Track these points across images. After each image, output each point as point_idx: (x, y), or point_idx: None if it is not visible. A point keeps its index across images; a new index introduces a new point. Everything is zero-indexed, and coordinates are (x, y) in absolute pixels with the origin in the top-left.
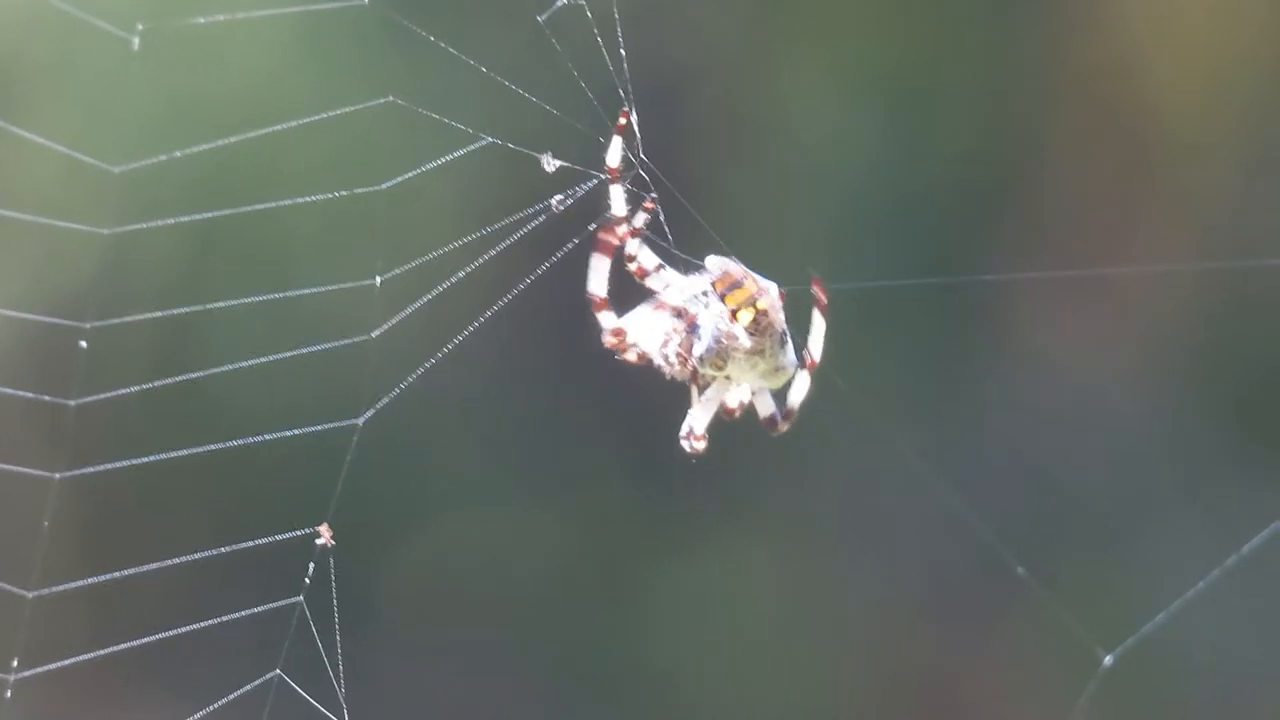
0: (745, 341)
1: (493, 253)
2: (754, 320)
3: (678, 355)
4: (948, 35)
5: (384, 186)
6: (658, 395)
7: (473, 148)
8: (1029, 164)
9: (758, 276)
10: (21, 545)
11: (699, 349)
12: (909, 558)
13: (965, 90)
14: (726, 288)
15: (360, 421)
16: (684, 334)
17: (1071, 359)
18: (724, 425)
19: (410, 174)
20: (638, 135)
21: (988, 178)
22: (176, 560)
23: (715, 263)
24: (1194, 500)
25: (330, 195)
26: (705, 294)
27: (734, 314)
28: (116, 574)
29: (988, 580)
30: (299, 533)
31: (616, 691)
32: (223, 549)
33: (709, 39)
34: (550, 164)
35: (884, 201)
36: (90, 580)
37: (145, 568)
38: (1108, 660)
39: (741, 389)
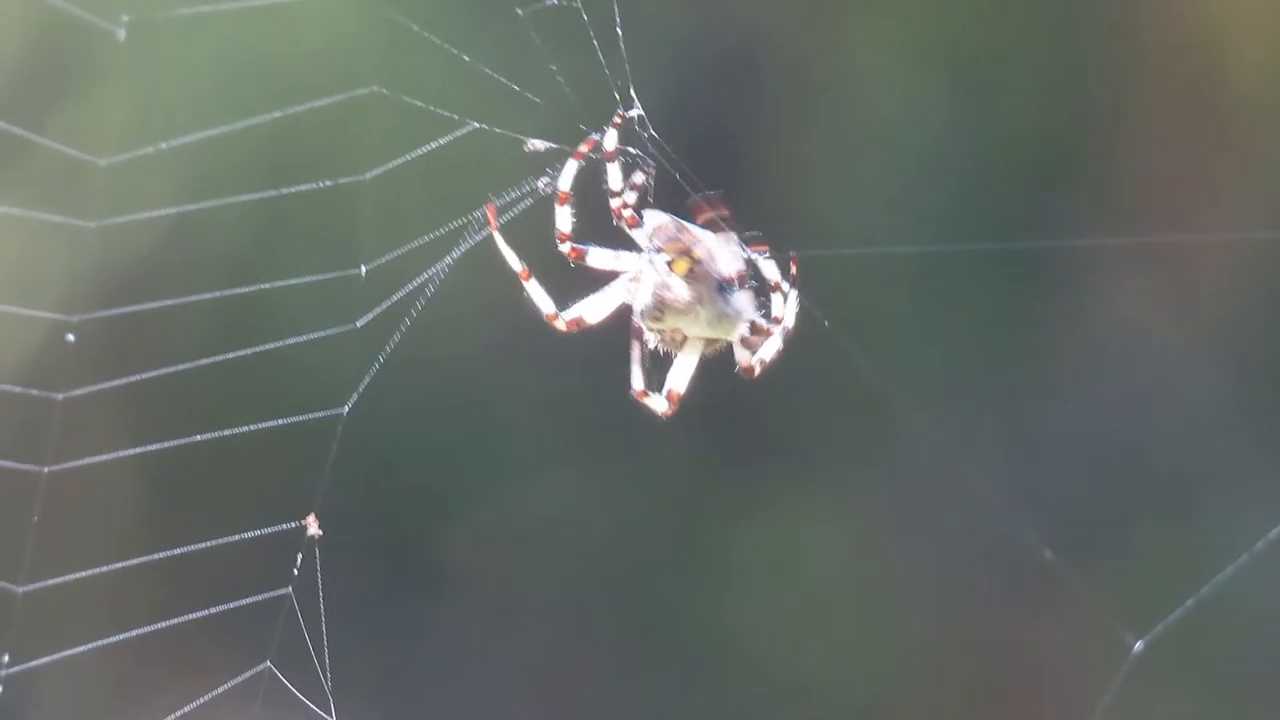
0: (683, 291)
1: (479, 237)
2: (689, 270)
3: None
4: (1016, 1)
5: (368, 176)
6: (720, 358)
7: (458, 134)
8: (1098, 131)
9: (692, 226)
10: (10, 540)
11: (639, 304)
12: (966, 528)
13: (1033, 57)
14: (663, 240)
15: (344, 411)
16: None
17: (1136, 329)
18: (795, 391)
19: (395, 162)
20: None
21: (1056, 145)
22: (167, 553)
23: (650, 217)
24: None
25: (315, 186)
26: (650, 252)
27: (670, 264)
28: (105, 568)
29: (1028, 558)
30: (288, 525)
31: (684, 656)
32: (210, 543)
33: (775, 6)
34: (534, 146)
35: (951, 169)
36: (79, 575)
37: (138, 560)
38: (1138, 646)
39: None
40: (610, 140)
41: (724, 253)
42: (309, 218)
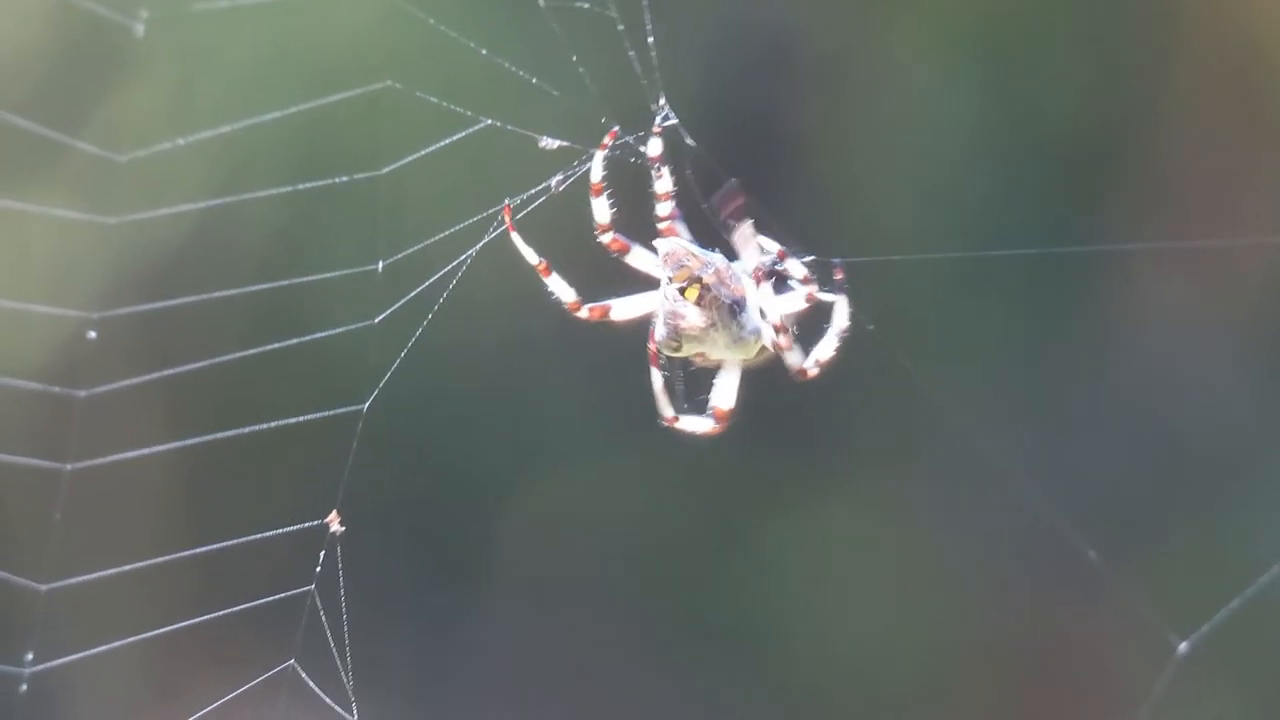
0: (696, 318)
1: (497, 231)
2: (699, 296)
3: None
4: None
5: (384, 171)
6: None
7: (472, 130)
8: (1138, 126)
9: (701, 251)
10: (33, 538)
11: (659, 334)
12: (1006, 522)
13: (1072, 51)
14: (673, 267)
15: (364, 408)
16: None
17: (1177, 327)
18: (833, 383)
19: (410, 158)
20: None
21: (1095, 141)
22: (189, 552)
23: (661, 245)
24: None
25: (330, 181)
26: (664, 281)
27: (682, 291)
28: (128, 566)
29: (1071, 558)
30: (308, 524)
31: (721, 646)
32: (235, 540)
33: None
34: (549, 144)
35: (988, 165)
36: (101, 573)
37: (161, 559)
38: (1183, 647)
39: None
40: (655, 147)
41: (734, 272)
42: (327, 213)
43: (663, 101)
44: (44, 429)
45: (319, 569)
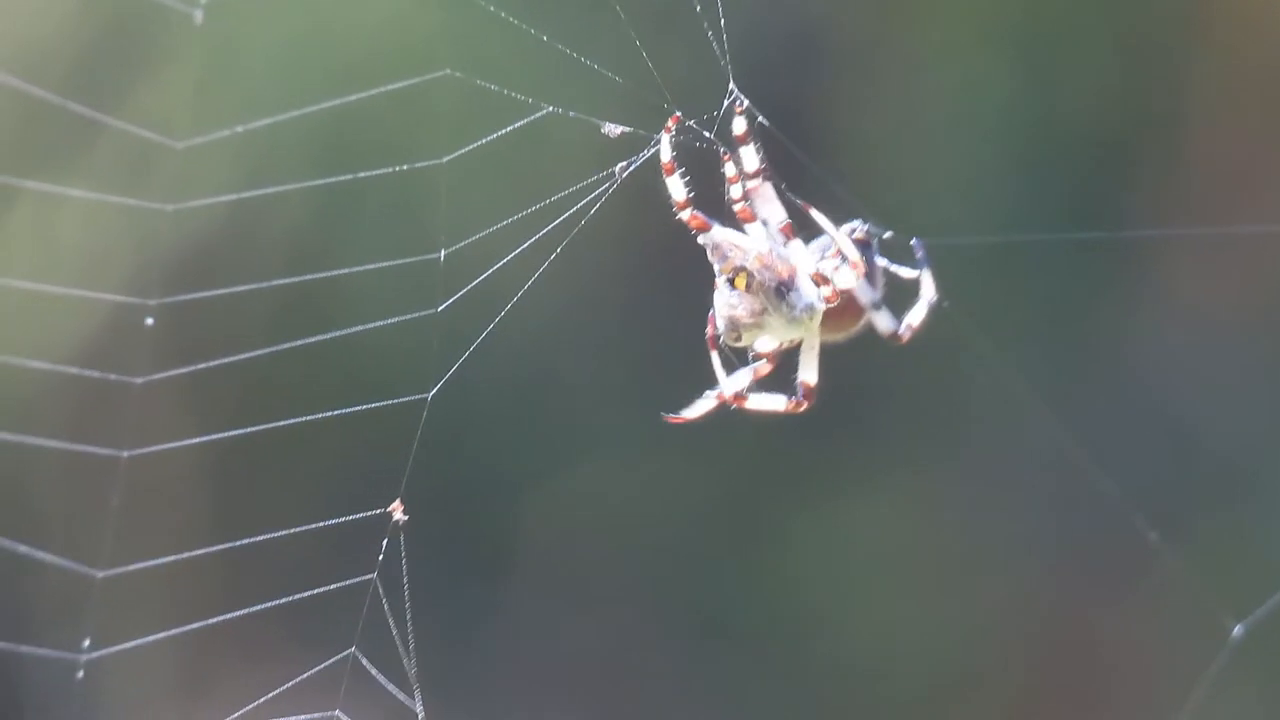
0: (746, 307)
1: (558, 221)
2: (746, 283)
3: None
4: None
5: (445, 160)
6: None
7: (534, 117)
8: (1170, 111)
9: (737, 236)
10: (90, 526)
11: (719, 326)
12: (1042, 510)
13: (1100, 43)
14: (719, 259)
15: (429, 396)
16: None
17: (1213, 313)
18: (864, 367)
19: (471, 146)
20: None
21: (1127, 125)
22: (249, 540)
23: (705, 240)
24: None
25: (390, 170)
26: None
27: (732, 282)
28: (186, 554)
29: (1123, 537)
30: (373, 512)
31: (752, 636)
32: (293, 530)
33: None
34: (613, 130)
35: (1019, 149)
36: (157, 561)
37: (219, 546)
38: (1238, 630)
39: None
40: (740, 125)
41: (778, 254)
42: (379, 201)
43: (732, 87)
44: (99, 416)
45: (381, 557)
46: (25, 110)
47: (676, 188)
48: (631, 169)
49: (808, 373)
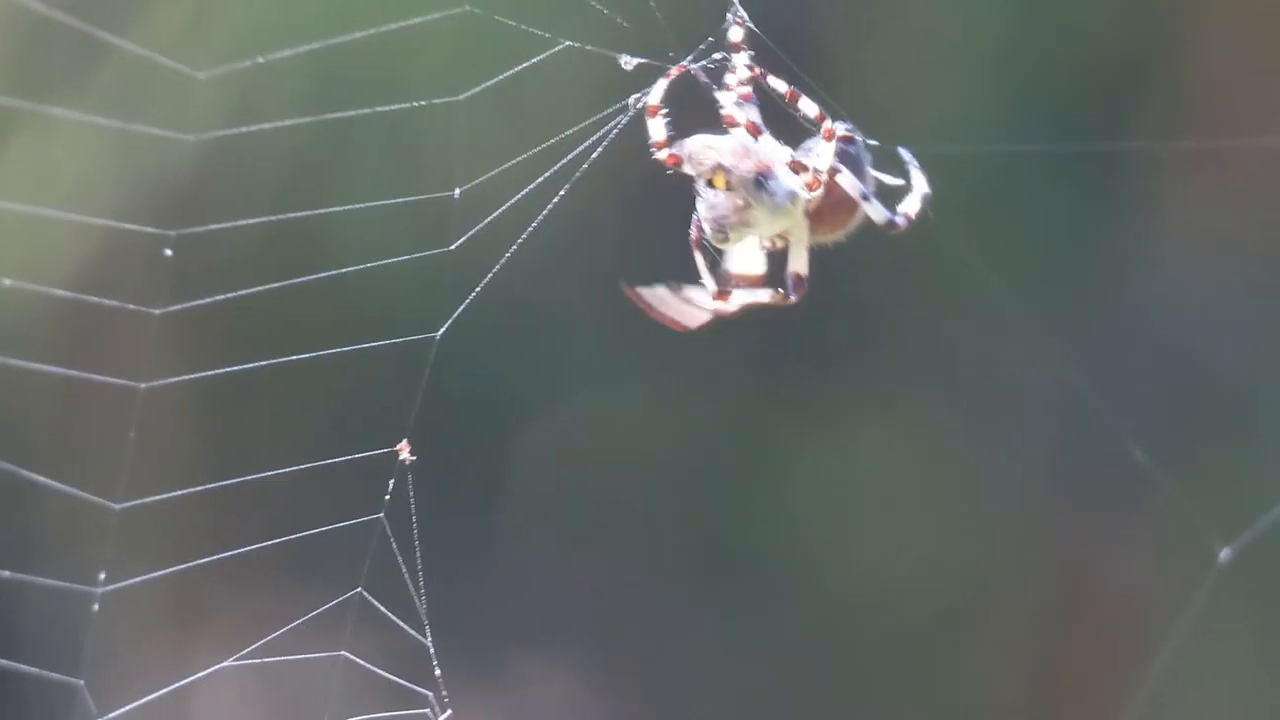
0: (727, 204)
1: (572, 155)
2: (725, 182)
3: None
4: None
5: (462, 97)
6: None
7: (550, 52)
8: (1171, 33)
9: (709, 138)
10: (107, 457)
11: (706, 232)
12: (1041, 437)
13: None
14: (694, 166)
15: (438, 336)
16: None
17: (1214, 232)
18: (863, 296)
19: (488, 83)
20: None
21: (1127, 48)
22: (263, 474)
23: (678, 151)
24: None
25: (408, 105)
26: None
27: (711, 184)
28: (199, 488)
29: (1119, 462)
30: (378, 451)
31: (749, 569)
32: (304, 466)
33: None
34: (629, 63)
35: (1018, 74)
36: (174, 494)
37: (232, 480)
38: (1225, 553)
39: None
40: (736, 34)
41: (751, 147)
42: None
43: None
44: (116, 347)
45: (387, 497)
46: (30, 33)
47: (657, 128)
48: (645, 100)
49: (797, 263)
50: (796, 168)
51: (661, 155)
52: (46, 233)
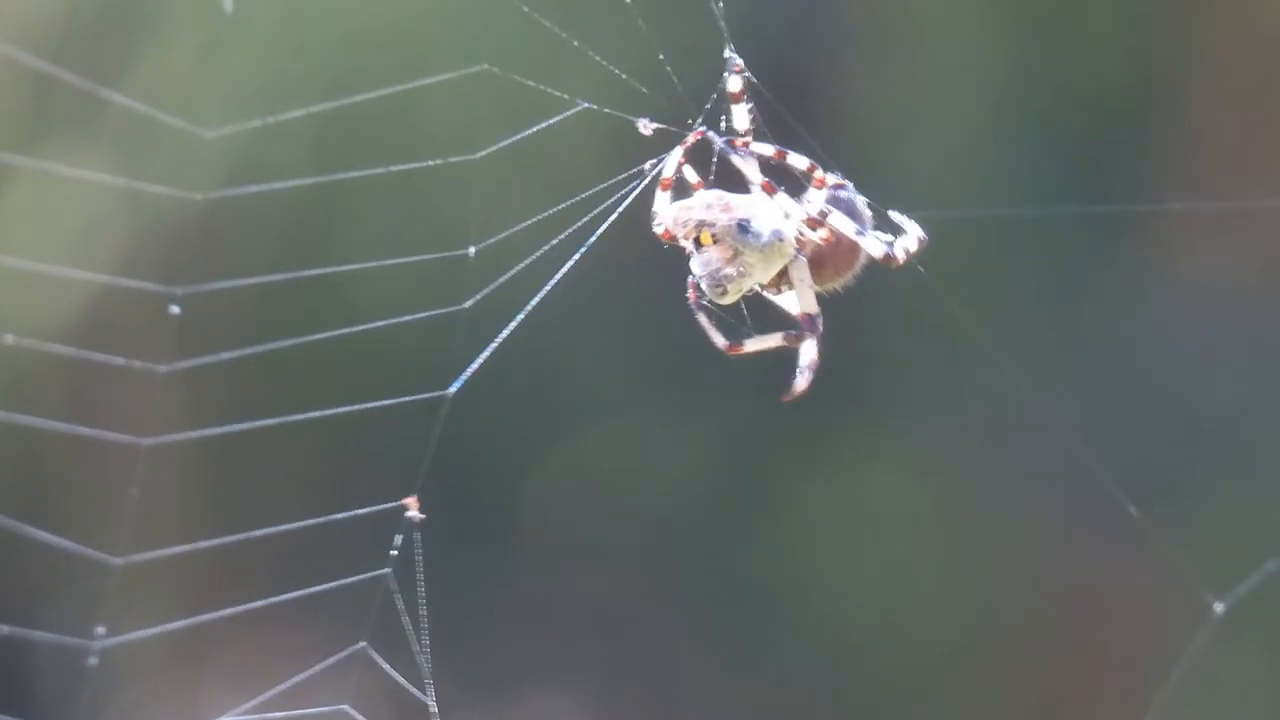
0: (719, 257)
1: (586, 219)
2: (711, 237)
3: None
4: None
5: (479, 155)
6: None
7: (568, 114)
8: (1176, 80)
9: (685, 200)
10: (108, 513)
11: (705, 290)
12: (1044, 472)
13: (1107, 6)
14: (680, 230)
15: (449, 393)
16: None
17: (1212, 286)
18: (869, 336)
19: (506, 141)
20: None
21: (1132, 94)
22: (264, 531)
23: (663, 225)
24: None
25: (425, 164)
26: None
27: (698, 242)
28: (203, 544)
29: (1116, 510)
30: (386, 505)
31: (757, 604)
32: (309, 522)
33: None
34: (646, 127)
35: (1022, 119)
36: (174, 550)
37: (232, 538)
38: (1219, 606)
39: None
40: (734, 84)
41: (729, 199)
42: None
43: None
44: (120, 403)
45: (394, 553)
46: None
47: (662, 203)
48: (661, 167)
49: (805, 303)
50: (769, 189)
51: (658, 230)
52: (52, 288)
